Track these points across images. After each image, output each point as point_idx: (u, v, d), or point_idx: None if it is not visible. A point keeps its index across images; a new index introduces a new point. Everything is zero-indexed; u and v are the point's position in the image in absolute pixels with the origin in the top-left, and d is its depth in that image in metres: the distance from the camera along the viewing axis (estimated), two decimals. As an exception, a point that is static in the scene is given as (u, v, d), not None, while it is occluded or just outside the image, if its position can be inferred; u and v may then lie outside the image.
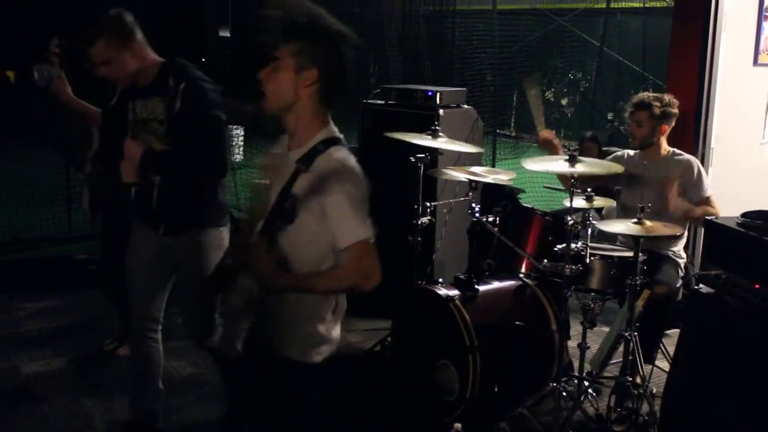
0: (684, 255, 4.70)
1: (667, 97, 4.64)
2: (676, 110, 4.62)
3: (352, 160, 2.58)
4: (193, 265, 3.60)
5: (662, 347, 4.65)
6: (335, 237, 2.53)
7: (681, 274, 4.62)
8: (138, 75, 3.58)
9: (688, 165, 4.61)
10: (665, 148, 4.68)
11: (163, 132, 3.51)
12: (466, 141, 5.45)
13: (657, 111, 4.55)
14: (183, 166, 3.45)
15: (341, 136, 2.66)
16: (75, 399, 4.43)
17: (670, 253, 4.62)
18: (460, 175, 4.59)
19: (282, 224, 2.47)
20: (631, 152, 4.80)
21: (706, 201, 4.54)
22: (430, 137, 4.64)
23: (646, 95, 4.67)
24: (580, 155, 4.09)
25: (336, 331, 2.77)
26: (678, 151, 4.69)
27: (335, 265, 2.58)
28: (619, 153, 4.93)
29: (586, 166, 4.05)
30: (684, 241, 4.74)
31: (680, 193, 4.52)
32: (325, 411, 2.82)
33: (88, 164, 4.85)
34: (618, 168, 4.28)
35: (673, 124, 4.64)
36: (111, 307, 5.16)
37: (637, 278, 3.98)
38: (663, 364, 4.52)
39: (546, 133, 4.51)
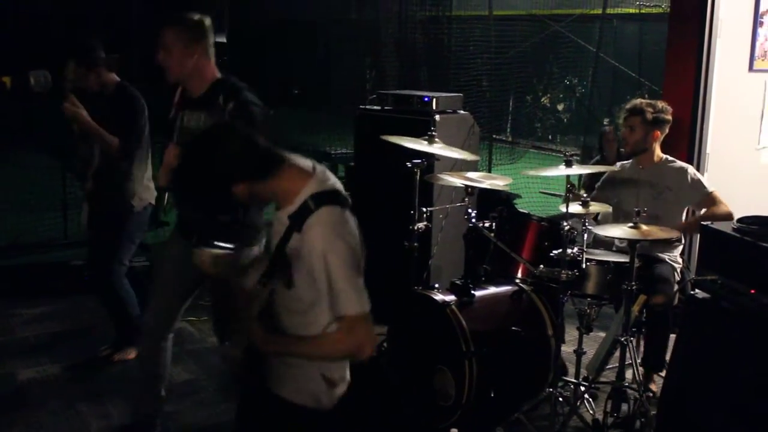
0: (680, 260, 4.71)
1: (660, 104, 4.65)
2: (669, 117, 4.63)
3: (344, 222, 2.41)
4: None
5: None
6: (333, 304, 2.40)
7: (677, 278, 4.63)
8: (192, 85, 3.61)
9: (682, 172, 4.62)
10: (658, 154, 4.69)
11: None
12: (463, 146, 5.45)
13: (649, 116, 4.57)
14: None
15: (334, 183, 2.49)
16: (70, 405, 4.43)
17: (666, 258, 4.63)
18: (456, 180, 4.59)
19: (277, 283, 2.41)
20: (626, 163, 4.84)
21: (710, 198, 4.55)
22: (426, 142, 4.65)
23: (640, 101, 4.69)
24: (601, 149, 4.14)
25: (345, 373, 2.70)
26: (671, 159, 4.71)
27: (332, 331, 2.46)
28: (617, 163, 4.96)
29: (582, 169, 4.10)
30: (681, 247, 4.75)
31: (677, 198, 4.55)
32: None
33: (90, 181, 4.86)
34: (613, 168, 4.34)
35: (667, 131, 4.66)
36: (105, 313, 5.16)
37: (633, 283, 3.98)
38: (659, 369, 4.52)
39: None
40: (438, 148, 4.68)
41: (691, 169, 4.67)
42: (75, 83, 4.62)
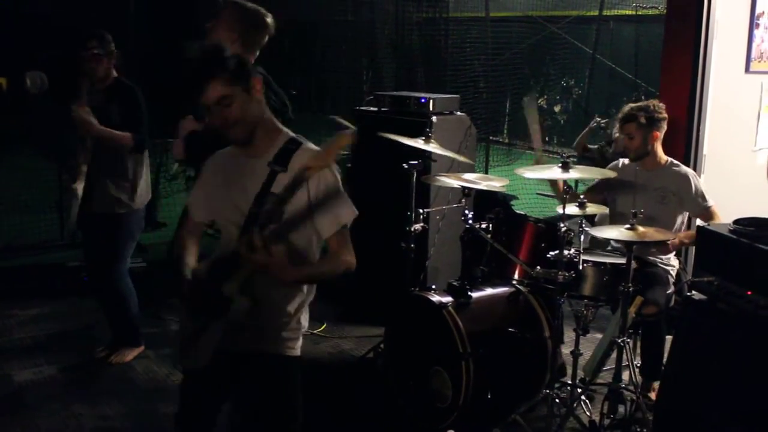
0: (676, 263, 4.71)
1: (651, 104, 4.64)
2: (664, 114, 4.61)
3: None
4: None
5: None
6: (320, 223, 2.69)
7: (672, 281, 4.63)
8: None
9: (685, 179, 4.59)
10: (662, 156, 4.66)
11: None
12: (460, 148, 5.46)
13: (643, 120, 4.55)
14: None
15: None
16: (67, 406, 4.42)
17: (659, 262, 4.63)
18: (453, 181, 4.59)
19: (270, 223, 2.50)
20: (626, 161, 4.81)
21: (708, 212, 4.54)
22: (422, 143, 4.65)
23: (630, 107, 4.65)
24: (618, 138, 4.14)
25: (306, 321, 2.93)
26: (676, 162, 4.68)
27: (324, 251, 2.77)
28: (614, 162, 4.94)
29: (579, 172, 4.10)
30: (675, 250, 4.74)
31: (678, 203, 4.55)
32: (317, 418, 2.82)
33: (81, 177, 4.84)
34: (610, 173, 4.33)
35: (665, 127, 4.63)
36: (102, 314, 5.15)
37: (630, 285, 3.98)
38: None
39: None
40: (434, 149, 4.68)
41: (695, 178, 4.64)
42: (89, 63, 4.65)
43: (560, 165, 4.06)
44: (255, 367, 2.80)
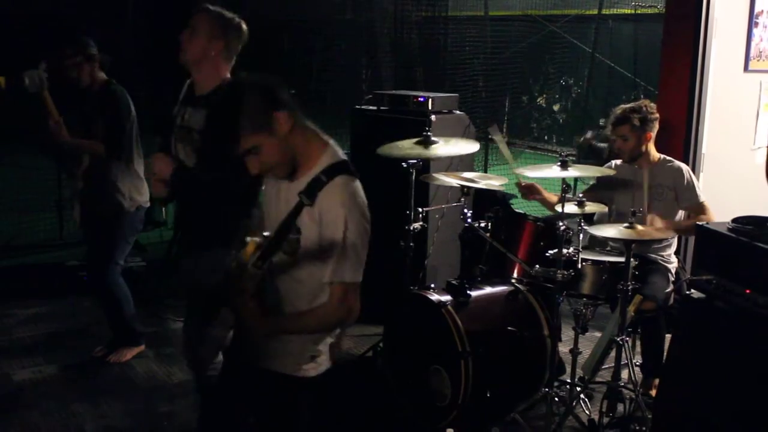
0: (674, 260, 4.71)
1: (643, 105, 4.64)
2: (656, 114, 4.62)
3: (359, 193, 2.52)
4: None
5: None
6: (328, 269, 2.48)
7: (672, 279, 4.63)
8: (202, 77, 3.57)
9: (679, 172, 4.62)
10: (654, 155, 4.68)
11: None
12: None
13: (636, 122, 4.55)
14: (204, 187, 3.38)
15: (344, 156, 2.58)
16: (66, 406, 4.42)
17: (659, 259, 4.63)
18: (452, 180, 4.59)
19: (284, 256, 2.41)
20: (619, 162, 4.82)
21: (700, 207, 4.54)
22: (422, 145, 4.63)
23: (621, 109, 4.65)
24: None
25: (327, 348, 2.71)
26: (669, 158, 4.70)
27: (323, 303, 2.53)
28: (608, 164, 4.94)
29: (578, 171, 4.11)
30: (674, 246, 4.75)
31: (675, 198, 4.55)
32: (316, 417, 2.81)
33: (80, 180, 4.86)
34: (609, 171, 4.34)
35: (657, 127, 4.64)
36: (101, 313, 5.15)
37: (629, 283, 3.99)
38: (655, 369, 4.53)
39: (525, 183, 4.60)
40: (434, 149, 4.67)
41: (688, 172, 4.66)
42: (70, 72, 4.66)
43: (559, 164, 4.07)
44: (267, 385, 2.70)
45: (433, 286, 4.48)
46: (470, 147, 4.72)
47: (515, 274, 4.41)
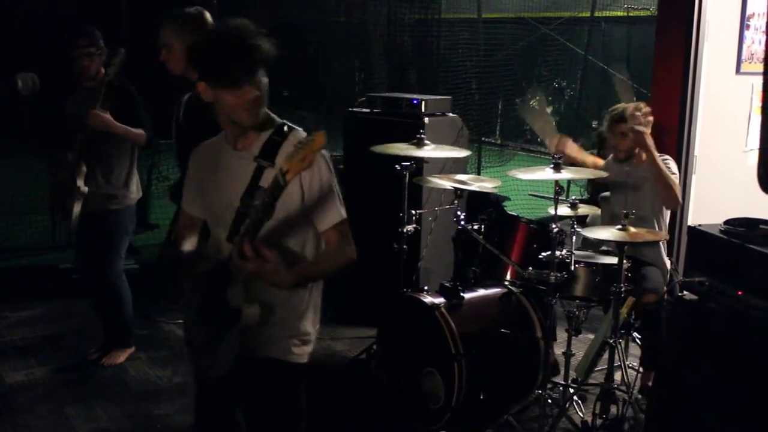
0: (667, 261, 4.72)
1: (642, 106, 4.67)
2: (650, 116, 4.66)
3: None
4: None
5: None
6: (317, 218, 2.63)
7: (666, 278, 4.64)
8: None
9: (665, 163, 4.63)
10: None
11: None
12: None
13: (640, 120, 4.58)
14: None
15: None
16: (58, 408, 4.41)
17: (652, 261, 4.63)
18: (445, 183, 4.59)
19: (262, 220, 2.42)
20: (612, 164, 4.82)
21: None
22: (415, 146, 4.65)
23: (622, 108, 4.68)
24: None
25: (316, 329, 2.85)
26: (666, 156, 4.70)
27: (320, 247, 2.69)
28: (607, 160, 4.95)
29: (571, 172, 4.12)
30: (666, 247, 4.75)
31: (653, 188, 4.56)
32: (310, 419, 2.81)
33: (80, 175, 4.80)
34: (602, 173, 4.35)
35: (650, 129, 4.66)
36: (95, 316, 5.14)
37: (622, 285, 3.99)
38: (648, 370, 4.53)
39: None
40: (427, 151, 4.68)
41: (670, 161, 4.67)
42: (80, 62, 4.65)
43: (552, 166, 4.08)
44: (259, 373, 2.74)
45: (426, 288, 4.48)
46: (461, 153, 4.76)
47: (508, 276, 4.42)
